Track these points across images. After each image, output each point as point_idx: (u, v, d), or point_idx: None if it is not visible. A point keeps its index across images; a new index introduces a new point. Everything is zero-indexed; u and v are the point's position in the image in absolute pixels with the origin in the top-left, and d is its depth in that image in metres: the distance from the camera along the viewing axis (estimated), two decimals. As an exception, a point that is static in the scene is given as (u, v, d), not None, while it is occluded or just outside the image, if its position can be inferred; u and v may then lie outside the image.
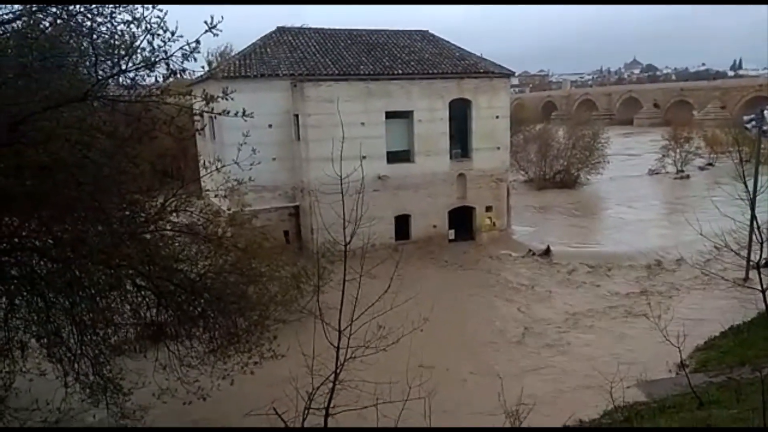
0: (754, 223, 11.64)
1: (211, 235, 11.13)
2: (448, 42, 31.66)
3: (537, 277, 23.45)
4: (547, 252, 26.06)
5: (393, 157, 27.40)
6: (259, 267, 13.20)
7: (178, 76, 8.51)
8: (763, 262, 13.98)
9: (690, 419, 9.41)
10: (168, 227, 10.74)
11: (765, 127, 24.36)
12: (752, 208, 11.46)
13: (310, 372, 7.05)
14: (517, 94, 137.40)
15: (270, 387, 11.56)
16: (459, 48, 31.34)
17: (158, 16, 7.79)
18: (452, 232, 28.77)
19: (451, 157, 28.61)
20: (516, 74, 36.42)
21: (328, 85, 25.73)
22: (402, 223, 27.86)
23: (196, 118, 9.50)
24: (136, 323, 11.49)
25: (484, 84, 28.75)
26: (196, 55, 7.89)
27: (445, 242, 28.36)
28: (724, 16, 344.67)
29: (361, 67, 27.46)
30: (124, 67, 8.44)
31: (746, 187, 10.53)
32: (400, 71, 27.73)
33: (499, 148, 29.59)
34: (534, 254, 26.22)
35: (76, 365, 10.61)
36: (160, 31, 7.82)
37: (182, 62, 8.02)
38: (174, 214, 10.77)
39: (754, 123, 24.47)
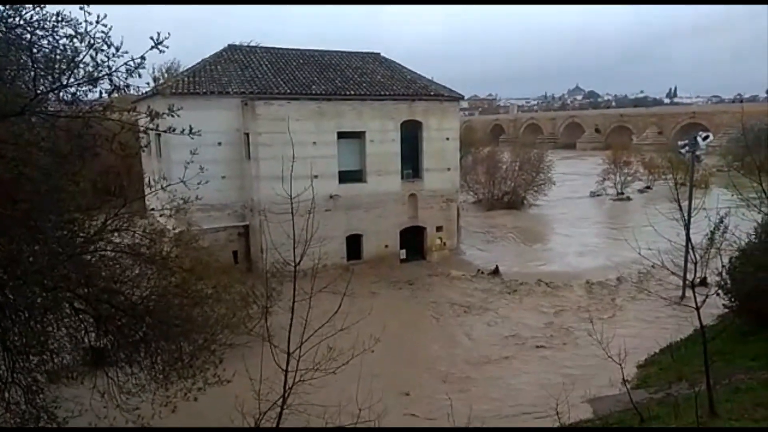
0: (689, 244, 12.23)
1: (155, 255, 10.75)
2: (399, 65, 32.17)
3: (486, 297, 23.78)
4: (495, 271, 26.53)
5: (345, 176, 27.47)
6: (205, 288, 12.84)
7: (122, 92, 8.28)
8: (698, 281, 14.66)
9: (632, 435, 9.68)
10: (109, 247, 10.32)
11: (698, 152, 25.71)
12: (687, 230, 11.99)
13: (257, 397, 6.88)
14: (467, 117, 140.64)
15: (215, 414, 11.22)
16: (410, 71, 31.89)
17: (102, 31, 7.57)
18: (404, 251, 28.94)
19: (402, 178, 28.93)
20: (465, 98, 37.31)
21: (280, 104, 25.65)
22: (354, 243, 27.82)
23: (141, 135, 9.20)
24: (73, 348, 10.92)
25: (434, 106, 29.32)
26: (140, 71, 7.70)
27: (396, 262, 28.47)
28: (662, 47, 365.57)
29: (313, 87, 27.51)
30: (65, 82, 8.13)
31: (681, 209, 11.04)
32: (352, 92, 27.93)
33: (449, 169, 30.13)
34: (483, 274, 26.63)
35: (6, 394, 9.97)
36: (104, 47, 7.60)
37: (126, 78, 7.80)
38: (115, 234, 10.37)
39: (687, 148, 25.78)
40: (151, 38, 7.30)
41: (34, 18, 8.32)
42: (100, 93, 8.39)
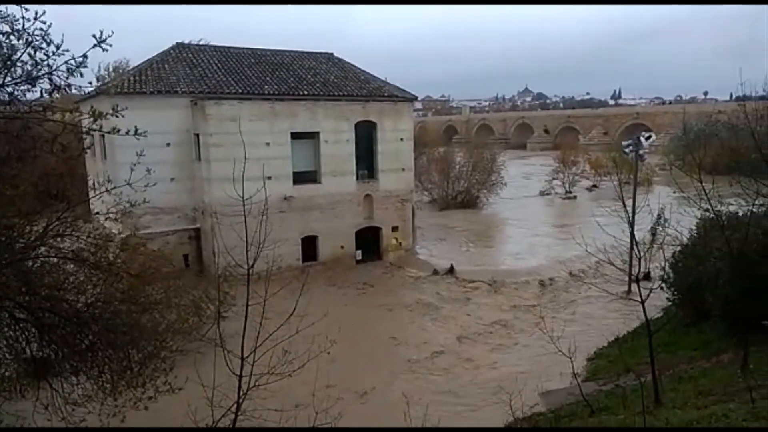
0: (633, 240, 12.71)
1: (101, 260, 10.37)
2: (352, 65, 32.14)
3: (442, 296, 24.03)
4: (450, 270, 26.82)
5: (299, 177, 27.24)
6: (154, 294, 12.48)
7: (64, 91, 7.94)
8: (642, 276, 15.21)
9: (583, 426, 9.97)
10: (51, 253, 9.90)
11: (641, 152, 26.72)
12: (631, 226, 12.42)
13: (210, 404, 6.72)
14: (421, 118, 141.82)
15: (166, 422, 10.92)
16: (363, 71, 31.90)
17: (41, 29, 7.25)
18: (360, 252, 28.93)
19: (357, 178, 28.90)
20: (419, 99, 37.67)
21: (231, 104, 25.20)
22: (309, 245, 27.62)
23: (84, 136, 8.85)
24: (13, 360, 10.41)
25: (388, 107, 29.41)
26: (83, 70, 7.40)
27: (352, 263, 28.42)
28: (607, 51, 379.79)
29: (266, 86, 27.16)
30: (1, 81, 7.74)
31: (625, 206, 11.43)
32: (306, 92, 27.73)
33: (403, 169, 30.30)
34: (438, 273, 26.88)
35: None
36: (44, 45, 7.27)
37: (67, 77, 7.49)
38: (58, 239, 9.95)
39: (631, 148, 26.79)
40: (94, 36, 7.02)
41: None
42: (41, 93, 8.04)
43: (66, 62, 7.39)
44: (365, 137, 28.95)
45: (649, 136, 28.86)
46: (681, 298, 17.12)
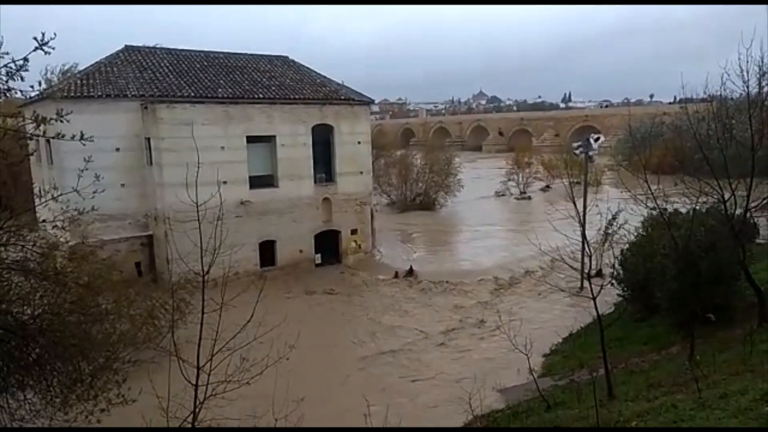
0: (584, 238, 13.10)
1: (48, 270, 9.99)
2: (308, 68, 31.95)
3: (401, 298, 24.12)
4: (410, 272, 26.97)
5: (256, 181, 26.91)
6: (105, 304, 12.09)
7: (4, 95, 7.60)
8: (593, 273, 15.71)
9: (539, 421, 10.20)
10: (-6, 264, 9.47)
11: (591, 153, 27.55)
12: (582, 226, 12.80)
13: (165, 415, 6.57)
14: (378, 121, 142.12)
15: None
16: (320, 75, 31.77)
17: (-22, 30, 6.93)
18: (319, 256, 28.78)
19: (315, 182, 28.77)
20: (376, 102, 37.73)
21: (184, 108, 24.67)
22: (267, 249, 27.30)
23: (27, 141, 8.52)
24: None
25: (345, 110, 29.39)
26: (27, 74, 7.12)
27: (312, 267, 28.26)
28: (558, 56, 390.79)
29: (219, 90, 26.71)
30: (-65, 84, 7.37)
31: (575, 206, 11.77)
32: (261, 95, 27.41)
33: (362, 172, 30.32)
34: (398, 275, 26.99)
35: None
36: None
37: (6, 81, 7.19)
38: (2, 249, 9.54)
39: (581, 149, 27.62)
40: (35, 39, 6.76)
41: None
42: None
43: (5, 65, 7.09)
44: (323, 140, 28.85)
45: (598, 138, 29.77)
46: (631, 294, 17.71)
